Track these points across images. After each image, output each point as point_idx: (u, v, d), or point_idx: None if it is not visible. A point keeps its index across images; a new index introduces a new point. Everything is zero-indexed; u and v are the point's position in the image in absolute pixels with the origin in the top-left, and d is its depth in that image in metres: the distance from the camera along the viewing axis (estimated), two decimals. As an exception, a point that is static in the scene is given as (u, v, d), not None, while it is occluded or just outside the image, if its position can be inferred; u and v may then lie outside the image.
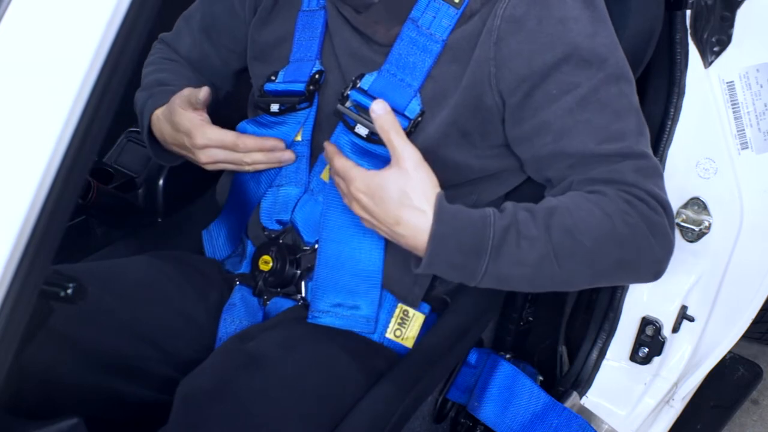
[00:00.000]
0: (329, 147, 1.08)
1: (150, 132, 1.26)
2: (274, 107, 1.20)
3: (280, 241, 1.22)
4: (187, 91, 1.19)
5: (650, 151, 1.07)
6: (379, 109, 1.02)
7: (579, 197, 1.02)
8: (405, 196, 1.00)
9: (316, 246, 1.19)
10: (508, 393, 1.31)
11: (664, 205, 1.04)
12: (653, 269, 1.05)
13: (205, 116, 1.18)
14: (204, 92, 1.16)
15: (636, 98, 1.08)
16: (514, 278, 1.00)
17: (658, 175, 1.06)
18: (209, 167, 1.21)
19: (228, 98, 1.42)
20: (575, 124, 1.04)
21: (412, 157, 1.01)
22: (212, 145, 1.17)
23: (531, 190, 1.20)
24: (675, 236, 1.06)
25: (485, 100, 1.08)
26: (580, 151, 1.04)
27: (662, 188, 1.06)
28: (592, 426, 1.33)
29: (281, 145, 1.19)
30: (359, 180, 1.03)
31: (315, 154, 1.20)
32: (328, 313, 1.18)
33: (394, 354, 1.20)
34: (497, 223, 0.98)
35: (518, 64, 1.04)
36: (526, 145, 1.09)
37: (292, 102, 1.19)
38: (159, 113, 1.23)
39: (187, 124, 1.17)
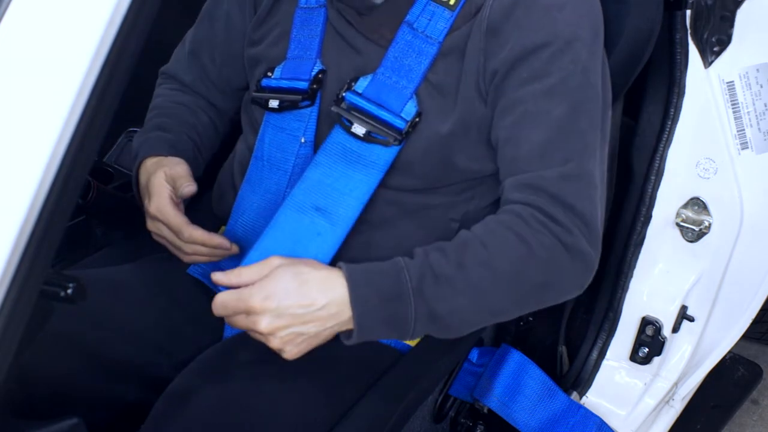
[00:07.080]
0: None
1: (138, 177, 1.23)
2: (273, 103, 1.19)
3: None
4: (179, 173, 1.16)
5: (594, 165, 1.06)
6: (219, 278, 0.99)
7: (493, 223, 1.03)
8: (301, 274, 0.96)
9: None
10: (517, 381, 1.32)
11: (585, 220, 1.03)
12: (577, 284, 1.06)
13: (172, 195, 1.14)
14: (189, 189, 1.14)
15: (599, 107, 1.07)
16: (446, 317, 0.99)
17: (586, 186, 1.05)
18: (154, 236, 1.17)
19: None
20: (536, 112, 1.04)
21: (277, 257, 0.99)
22: (160, 218, 1.13)
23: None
24: (598, 249, 1.05)
25: (479, 92, 1.08)
26: (528, 142, 1.04)
27: (590, 200, 1.04)
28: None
29: (226, 244, 1.12)
30: (255, 292, 0.96)
31: None
32: None
33: (397, 352, 1.20)
34: (409, 266, 0.98)
35: (503, 50, 1.06)
36: (493, 127, 1.09)
37: (293, 100, 1.17)
38: (148, 164, 1.20)
39: (153, 189, 1.14)
